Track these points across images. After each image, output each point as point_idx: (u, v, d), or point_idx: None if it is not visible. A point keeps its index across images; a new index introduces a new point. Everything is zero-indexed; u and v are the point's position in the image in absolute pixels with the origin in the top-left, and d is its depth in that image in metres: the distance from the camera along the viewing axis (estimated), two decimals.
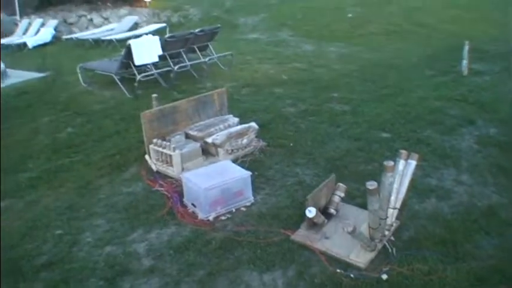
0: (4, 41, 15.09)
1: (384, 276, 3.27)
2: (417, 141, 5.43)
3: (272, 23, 13.76)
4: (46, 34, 15.19)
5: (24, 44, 14.47)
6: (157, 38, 8.38)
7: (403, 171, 3.63)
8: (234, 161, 4.98)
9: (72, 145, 6.09)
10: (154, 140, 5.13)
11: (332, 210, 3.97)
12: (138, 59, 7.92)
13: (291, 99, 7.24)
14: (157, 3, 16.09)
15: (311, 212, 3.60)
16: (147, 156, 5.27)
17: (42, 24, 15.99)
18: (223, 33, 11.07)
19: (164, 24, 14.31)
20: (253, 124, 5.44)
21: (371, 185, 3.15)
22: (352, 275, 3.31)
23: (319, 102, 7.02)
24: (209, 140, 5.15)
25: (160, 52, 8.22)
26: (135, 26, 14.81)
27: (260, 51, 10.93)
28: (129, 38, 11.52)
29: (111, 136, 6.23)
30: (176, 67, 8.49)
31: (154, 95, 5.59)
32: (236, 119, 5.67)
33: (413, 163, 3.70)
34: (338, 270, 3.36)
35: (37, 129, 6.85)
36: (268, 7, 15.09)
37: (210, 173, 4.40)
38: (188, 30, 9.70)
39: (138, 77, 7.89)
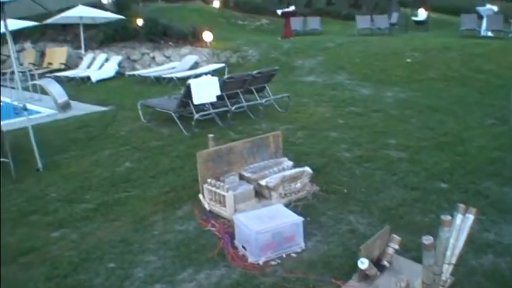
0: (69, 73, 15.94)
1: None
2: (476, 193, 5.24)
3: (329, 66, 13.83)
4: (110, 69, 15.86)
5: (88, 78, 15.13)
6: (216, 78, 8.58)
7: (460, 225, 3.52)
8: (287, 205, 4.94)
9: (129, 179, 6.25)
10: (209, 180, 5.19)
11: (385, 263, 3.85)
12: (197, 99, 8.13)
13: (346, 143, 7.19)
14: (217, 44, 16.55)
15: (363, 264, 3.51)
16: (200, 196, 5.34)
17: (106, 60, 16.76)
18: (281, 75, 11.24)
19: (223, 65, 14.69)
20: (307, 168, 5.42)
21: (427, 239, 3.05)
22: None
23: (375, 147, 6.94)
24: (263, 182, 5.17)
25: (219, 92, 8.41)
26: (196, 65, 15.22)
27: (317, 94, 10.98)
28: (189, 76, 11.89)
29: (166, 173, 6.37)
30: (233, 107, 8.65)
31: (210, 135, 5.68)
32: (290, 163, 5.67)
33: (471, 217, 3.57)
34: None
35: (97, 161, 7.10)
36: (326, 50, 15.20)
37: (262, 216, 4.39)
38: (246, 70, 9.94)
39: (196, 115, 8.07)
